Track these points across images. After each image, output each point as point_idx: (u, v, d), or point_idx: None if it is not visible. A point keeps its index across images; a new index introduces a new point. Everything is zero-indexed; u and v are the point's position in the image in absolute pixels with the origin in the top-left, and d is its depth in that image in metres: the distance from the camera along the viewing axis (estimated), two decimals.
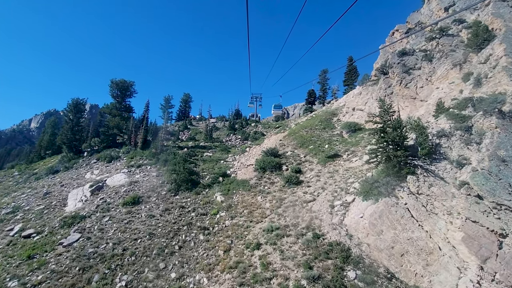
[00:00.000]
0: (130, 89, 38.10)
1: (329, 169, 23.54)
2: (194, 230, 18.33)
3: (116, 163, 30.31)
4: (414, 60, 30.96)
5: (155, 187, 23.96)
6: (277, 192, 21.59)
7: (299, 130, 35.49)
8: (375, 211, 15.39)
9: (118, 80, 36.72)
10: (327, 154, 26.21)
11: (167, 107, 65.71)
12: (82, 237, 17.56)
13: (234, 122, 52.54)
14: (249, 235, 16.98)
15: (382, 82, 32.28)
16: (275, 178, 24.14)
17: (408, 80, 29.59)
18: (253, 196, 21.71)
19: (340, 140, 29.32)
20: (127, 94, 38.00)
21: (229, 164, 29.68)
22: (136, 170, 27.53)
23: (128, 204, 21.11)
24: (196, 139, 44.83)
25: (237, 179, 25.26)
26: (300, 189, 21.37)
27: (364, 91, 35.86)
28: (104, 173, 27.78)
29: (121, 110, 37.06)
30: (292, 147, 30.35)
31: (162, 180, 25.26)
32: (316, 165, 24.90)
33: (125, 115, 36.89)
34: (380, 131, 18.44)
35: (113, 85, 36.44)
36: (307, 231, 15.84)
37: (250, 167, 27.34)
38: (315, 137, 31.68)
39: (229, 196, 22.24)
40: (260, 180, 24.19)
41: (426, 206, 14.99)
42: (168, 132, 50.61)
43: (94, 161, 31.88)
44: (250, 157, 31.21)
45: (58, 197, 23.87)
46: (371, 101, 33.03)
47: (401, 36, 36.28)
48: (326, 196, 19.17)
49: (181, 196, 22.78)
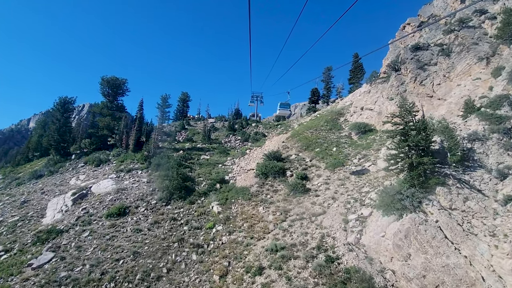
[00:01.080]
0: (122, 87, 35.63)
1: (339, 175, 21.06)
2: (186, 248, 15.86)
3: (105, 167, 27.85)
4: (429, 55, 28.45)
5: (145, 195, 21.50)
6: (281, 202, 19.12)
7: (303, 131, 33.00)
8: (400, 230, 12.90)
9: (109, 78, 34.23)
10: (335, 158, 23.73)
11: (164, 107, 63.35)
12: (55, 257, 15.11)
13: (234, 122, 50.06)
14: (249, 255, 14.52)
15: (394, 79, 29.77)
16: (278, 185, 21.66)
17: (423, 77, 27.08)
18: (254, 206, 19.24)
19: (349, 143, 26.82)
20: (119, 92, 35.53)
21: (227, 169, 27.21)
22: (125, 176, 25.07)
23: (113, 215, 18.66)
24: (194, 140, 42.38)
25: (236, 186, 22.79)
26: (307, 198, 18.89)
27: (373, 89, 33.34)
28: (91, 179, 25.33)
29: (112, 110, 34.58)
30: (296, 150, 27.87)
31: (153, 187, 22.81)
32: (324, 171, 22.41)
33: (117, 115, 34.40)
34: (401, 134, 15.96)
35: (103, 82, 33.96)
36: (319, 253, 13.37)
37: (251, 172, 24.87)
38: (321, 139, 29.19)
39: (227, 206, 19.76)
40: (261, 187, 21.72)
41: (462, 225, 12.51)
42: (164, 133, 48.19)
43: (82, 164, 29.44)
44: (251, 160, 28.74)
45: (36, 206, 21.44)
46: (382, 100, 30.52)
47: (413, 29, 33.78)
48: (338, 208, 16.69)
49: (173, 206, 20.32)
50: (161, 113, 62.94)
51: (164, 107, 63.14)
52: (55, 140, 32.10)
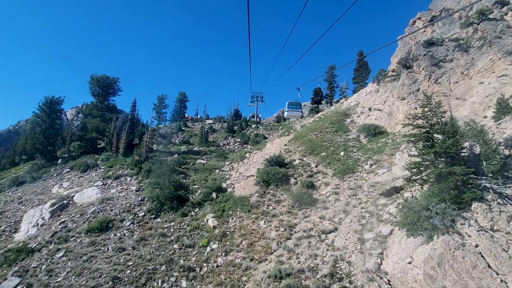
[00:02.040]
0: (113, 87, 33.39)
1: (349, 183, 18.80)
2: (175, 271, 13.60)
3: (91, 174, 25.59)
4: (444, 51, 26.20)
5: (132, 206, 19.25)
6: (285, 215, 16.85)
7: (307, 133, 30.75)
8: (431, 256, 10.64)
9: (99, 76, 31.99)
10: (344, 164, 21.48)
11: (161, 107, 61.32)
12: (21, 283, 12.85)
13: (233, 123, 47.83)
14: (248, 282, 12.26)
15: (405, 78, 27.52)
16: (281, 194, 19.40)
17: (438, 75, 24.84)
18: (254, 220, 16.97)
19: (358, 146, 24.56)
20: (110, 92, 33.28)
21: (225, 175, 24.94)
22: (112, 183, 22.80)
23: (94, 231, 16.40)
24: (190, 143, 40.16)
25: (235, 195, 20.53)
26: (315, 211, 16.63)
27: (382, 89, 31.12)
28: (74, 186, 23.08)
29: (102, 110, 32.34)
30: (300, 154, 25.61)
31: (142, 197, 20.57)
32: (332, 178, 20.16)
33: (108, 116, 32.14)
34: (425, 139, 13.74)
35: (93, 81, 31.73)
36: (332, 282, 11.12)
37: (251, 179, 22.61)
38: (327, 142, 26.93)
39: (224, 219, 17.49)
40: (262, 197, 19.46)
41: (507, 251, 10.28)
42: (160, 135, 45.99)
43: (67, 170, 27.19)
44: (251, 165, 26.48)
45: (10, 219, 19.18)
46: (392, 100, 28.28)
47: (424, 24, 31.58)
48: (351, 224, 14.43)
49: (163, 219, 18.06)
50: (157, 114, 61.10)
51: (161, 107, 61.50)
52: (40, 143, 29.85)
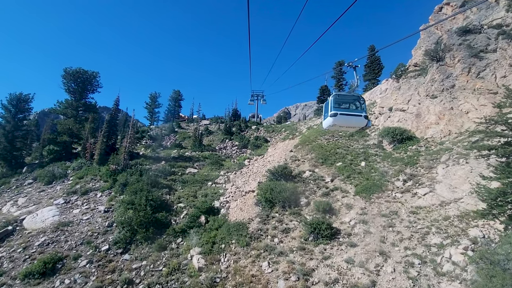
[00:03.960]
0: (92, 82, 28.83)
1: (380, 207, 14.32)
2: None
3: (56, 186, 21.08)
4: (484, 39, 21.72)
5: (95, 235, 14.76)
6: (296, 253, 12.37)
7: (316, 137, 26.32)
8: None
9: (74, 70, 27.44)
10: (368, 178, 17.01)
11: (154, 106, 56.79)
12: None
13: (231, 124, 43.33)
14: None
15: (435, 72, 23.04)
16: (289, 220, 14.92)
17: (480, 68, 20.36)
18: (255, 259, 12.47)
19: (382, 155, 20.08)
20: (88, 88, 28.73)
21: (219, 189, 20.44)
22: (77, 201, 18.30)
23: (34, 275, 11.90)
24: (183, 146, 35.65)
25: (229, 219, 16.03)
26: (338, 249, 12.15)
27: (404, 85, 26.62)
28: (31, 204, 18.57)
29: (78, 110, 27.81)
30: (310, 164, 21.13)
31: (110, 220, 16.07)
32: (354, 198, 15.69)
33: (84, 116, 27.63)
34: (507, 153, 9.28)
35: (67, 76, 27.17)
36: None
37: (250, 197, 18.13)
38: (342, 148, 22.45)
39: (214, 257, 12.99)
40: (265, 223, 14.97)
41: None
42: (150, 137, 41.57)
43: (30, 181, 22.67)
44: (250, 177, 21.99)
45: None
46: (418, 98, 23.78)
47: (454, 10, 27.11)
48: (395, 276, 9.95)
49: (134, 255, 13.56)
50: (149, 113, 56.57)
51: (153, 106, 56.95)
52: (3, 148, 25.34)
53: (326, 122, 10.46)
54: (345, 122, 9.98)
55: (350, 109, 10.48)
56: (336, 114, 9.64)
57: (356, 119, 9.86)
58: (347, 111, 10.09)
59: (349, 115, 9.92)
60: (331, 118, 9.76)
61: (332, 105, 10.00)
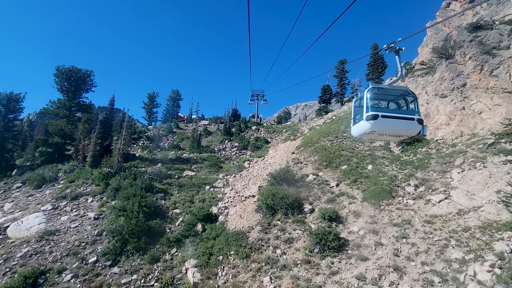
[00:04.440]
0: (86, 81, 27.73)
1: (391, 215, 13.24)
2: None
3: (46, 191, 19.99)
4: (496, 35, 20.64)
5: (83, 245, 13.67)
6: (300, 267, 11.27)
7: (319, 139, 25.21)
8: None
9: (67, 68, 26.34)
10: (376, 183, 15.92)
11: (152, 106, 55.71)
12: None
13: (231, 124, 42.26)
14: None
15: (445, 70, 21.97)
16: (293, 229, 13.82)
17: (493, 65, 19.29)
18: (255, 273, 11.37)
19: (390, 158, 18.98)
20: (82, 87, 27.63)
21: (217, 193, 19.35)
22: (66, 206, 17.21)
23: None
24: (181, 148, 34.59)
25: (228, 227, 14.94)
26: (347, 262, 11.05)
27: (411, 84, 25.56)
28: (17, 210, 17.47)
29: (72, 110, 26.71)
30: (313, 167, 20.04)
31: (100, 228, 14.99)
32: (362, 205, 14.59)
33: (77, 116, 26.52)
34: None
35: (59, 75, 26.06)
36: None
37: (250, 202, 17.04)
38: (347, 150, 21.36)
39: (210, 271, 11.89)
40: (267, 232, 13.88)
41: None
42: (147, 138, 40.50)
43: (19, 185, 21.57)
44: (250, 180, 20.90)
45: None
46: (426, 98, 22.70)
47: (462, 6, 26.04)
48: None
49: (123, 268, 12.47)
50: (147, 113, 55.49)
51: (152, 106, 55.89)
52: None
53: (359, 128, 7.60)
54: (389, 128, 7.00)
55: (396, 109, 7.84)
56: (376, 117, 6.72)
57: (406, 124, 6.93)
58: (392, 112, 7.30)
59: (396, 118, 6.94)
60: (369, 123, 6.84)
61: (370, 103, 7.09)
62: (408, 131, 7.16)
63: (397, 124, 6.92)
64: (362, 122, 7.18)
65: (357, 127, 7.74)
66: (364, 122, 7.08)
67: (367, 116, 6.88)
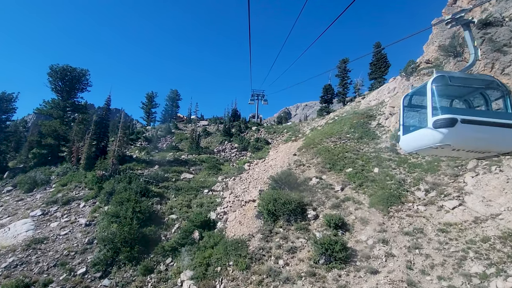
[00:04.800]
0: (81, 81, 26.89)
1: (401, 222, 12.38)
2: None
3: (36, 195, 19.14)
4: (507, 32, 19.79)
5: (72, 255, 12.83)
6: (305, 280, 10.43)
7: (321, 140, 24.33)
8: None
9: (61, 67, 25.51)
10: (383, 187, 15.06)
11: (150, 106, 54.88)
12: None
13: (231, 125, 41.46)
14: None
15: (453, 68, 21.10)
16: (296, 237, 12.97)
17: (505, 63, 18.44)
18: (256, 286, 10.53)
19: (397, 160, 18.12)
20: (77, 87, 26.79)
21: (216, 197, 18.51)
22: (57, 212, 16.37)
23: None
24: (179, 149, 33.76)
25: (227, 234, 14.10)
26: (355, 275, 10.20)
27: (416, 83, 24.67)
28: (5, 216, 16.62)
29: (66, 110, 25.87)
30: (316, 170, 19.18)
31: (92, 236, 14.14)
32: (370, 211, 13.74)
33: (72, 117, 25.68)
34: None
35: (53, 74, 25.22)
36: None
37: (250, 207, 16.19)
38: (351, 152, 20.49)
39: (208, 283, 11.05)
40: (268, 240, 13.02)
41: None
42: (145, 139, 39.66)
43: (9, 188, 20.73)
44: (250, 183, 20.06)
45: None
46: None
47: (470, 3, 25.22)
48: None
49: (114, 280, 11.62)
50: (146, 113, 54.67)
51: (150, 106, 55.06)
52: None
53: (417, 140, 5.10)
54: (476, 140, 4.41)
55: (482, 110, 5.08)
56: (454, 122, 4.19)
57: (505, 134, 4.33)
58: (480, 116, 4.53)
59: (489, 124, 4.30)
60: (439, 132, 4.37)
61: (438, 99, 4.58)
62: (507, 145, 4.49)
63: (490, 133, 4.27)
64: (425, 130, 4.71)
65: (413, 138, 5.18)
66: (429, 131, 4.55)
67: (436, 121, 4.40)
